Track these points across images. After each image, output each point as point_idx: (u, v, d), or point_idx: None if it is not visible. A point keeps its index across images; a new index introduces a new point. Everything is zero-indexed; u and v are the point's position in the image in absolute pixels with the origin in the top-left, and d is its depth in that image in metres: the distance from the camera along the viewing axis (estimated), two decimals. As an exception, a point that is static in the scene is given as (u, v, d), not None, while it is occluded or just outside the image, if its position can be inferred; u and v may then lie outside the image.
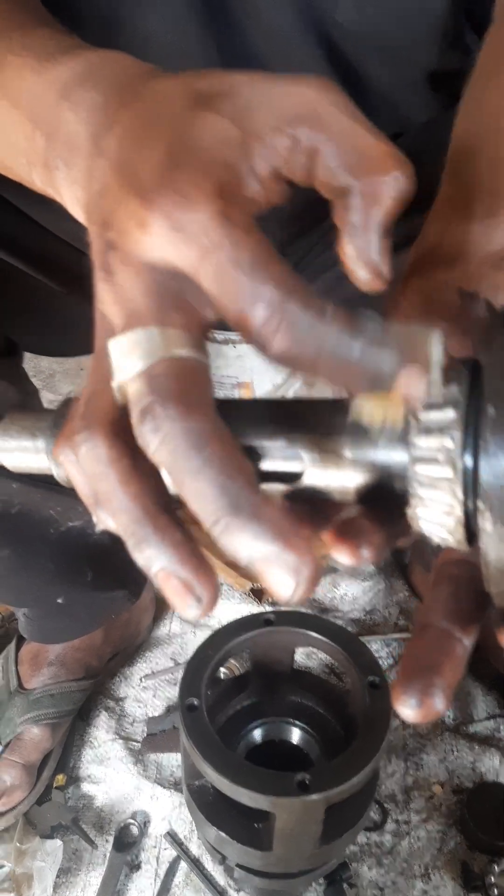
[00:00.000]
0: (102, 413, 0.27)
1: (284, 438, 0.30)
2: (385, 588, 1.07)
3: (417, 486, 0.28)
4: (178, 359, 0.26)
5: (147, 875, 0.79)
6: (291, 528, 0.25)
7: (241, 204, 0.27)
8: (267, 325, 0.25)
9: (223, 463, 0.25)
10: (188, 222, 0.25)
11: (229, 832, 0.60)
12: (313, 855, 0.61)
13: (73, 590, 0.81)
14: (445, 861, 0.79)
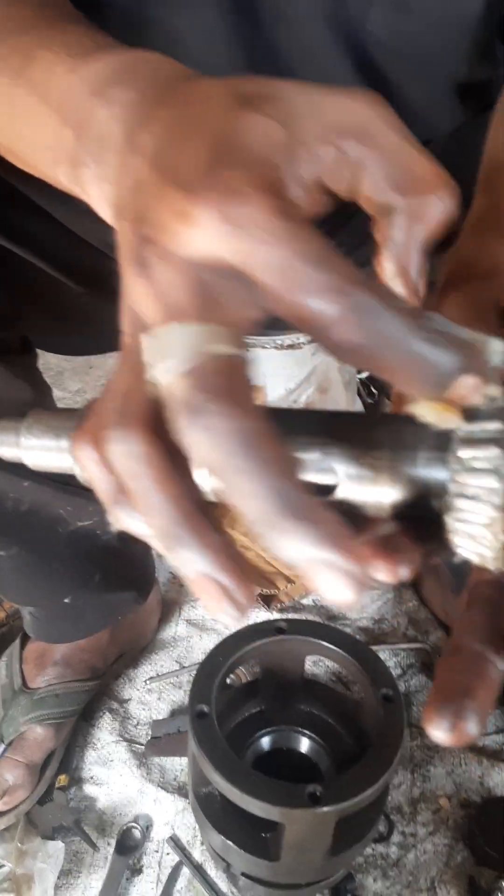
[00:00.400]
0: (139, 410, 0.26)
1: (319, 450, 0.29)
2: (394, 597, 1.07)
3: (457, 498, 0.27)
4: (224, 356, 0.25)
5: (149, 879, 0.78)
6: (346, 533, 0.24)
7: (291, 202, 0.26)
8: (331, 314, 0.24)
9: (276, 463, 0.24)
10: (240, 215, 0.24)
11: (236, 841, 0.60)
12: (321, 867, 0.60)
13: (81, 590, 0.80)
14: (452, 875, 0.78)
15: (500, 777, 0.86)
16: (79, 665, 0.86)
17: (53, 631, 0.86)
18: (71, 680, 0.85)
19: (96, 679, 0.89)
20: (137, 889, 0.78)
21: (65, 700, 0.84)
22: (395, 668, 0.98)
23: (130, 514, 0.28)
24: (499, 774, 0.86)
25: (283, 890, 0.64)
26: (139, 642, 0.97)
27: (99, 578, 0.80)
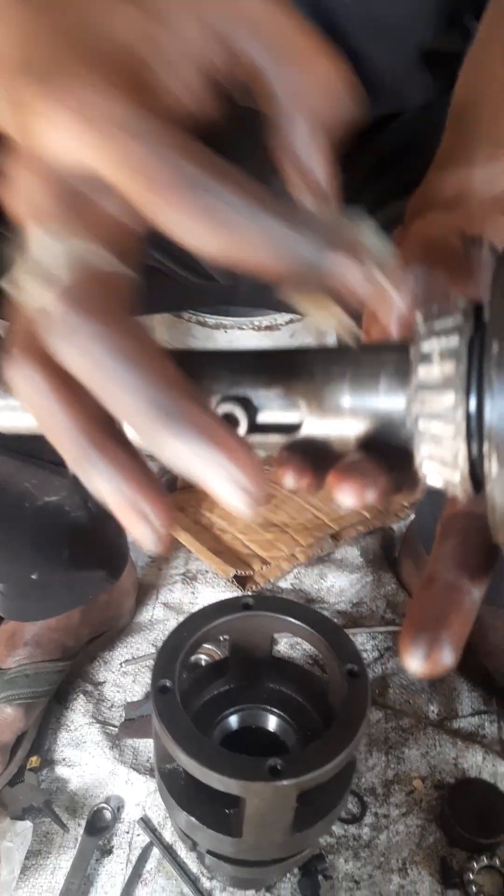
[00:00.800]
0: (24, 337, 0.25)
1: (281, 387, 0.28)
2: (373, 581, 1.06)
3: (419, 420, 0.26)
4: (94, 270, 0.24)
5: (119, 860, 0.78)
6: (233, 438, 0.23)
7: (153, 95, 0.24)
8: (182, 210, 0.22)
9: (150, 371, 0.23)
10: (93, 110, 0.22)
11: (200, 817, 0.59)
12: (285, 843, 0.59)
13: (49, 567, 0.79)
14: (424, 856, 0.78)
15: (474, 759, 0.85)
16: (49, 645, 0.86)
17: (22, 609, 0.85)
18: (42, 660, 0.84)
19: (68, 660, 0.88)
20: (107, 869, 0.77)
21: (35, 680, 0.83)
22: (372, 650, 0.98)
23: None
24: (473, 756, 0.86)
25: (249, 867, 0.64)
26: (113, 623, 0.96)
27: (67, 556, 0.79)
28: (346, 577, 1.06)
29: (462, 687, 0.93)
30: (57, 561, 0.79)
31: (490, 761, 0.85)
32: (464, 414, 0.25)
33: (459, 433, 0.25)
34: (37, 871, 0.77)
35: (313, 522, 1.12)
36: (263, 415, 0.29)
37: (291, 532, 1.10)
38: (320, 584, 1.06)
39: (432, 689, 0.93)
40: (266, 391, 0.28)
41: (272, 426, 0.29)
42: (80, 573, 0.84)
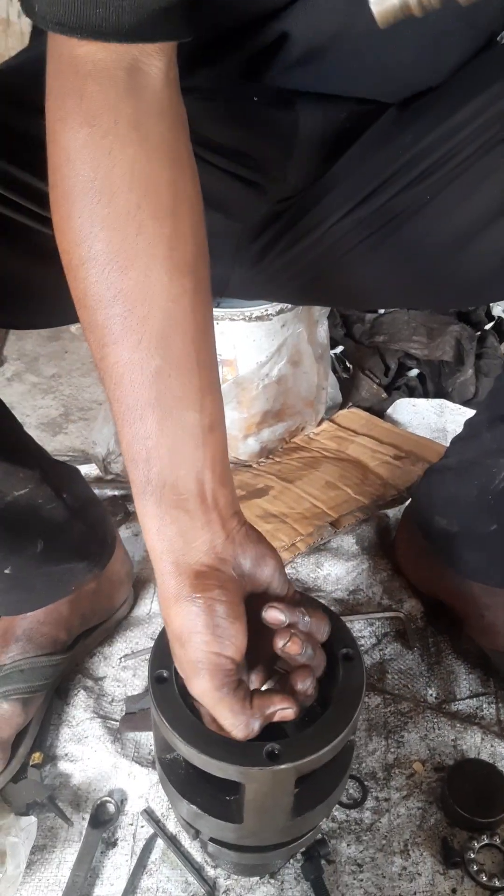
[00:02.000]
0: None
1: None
2: (369, 567, 1.07)
3: None
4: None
5: (123, 852, 0.78)
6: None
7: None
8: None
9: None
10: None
11: (201, 805, 0.60)
12: (286, 828, 0.60)
13: (22, 561, 0.79)
14: (425, 837, 0.78)
15: (472, 740, 0.86)
16: (41, 639, 0.86)
17: (3, 603, 0.85)
18: (35, 655, 0.85)
19: (62, 652, 0.88)
20: (112, 861, 0.78)
21: (30, 675, 0.83)
22: (370, 637, 0.98)
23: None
24: (472, 737, 0.86)
25: (251, 853, 0.64)
26: (107, 614, 0.96)
27: (42, 549, 0.79)
28: (343, 564, 1.07)
29: (459, 670, 0.94)
30: (30, 555, 0.79)
31: (489, 742, 0.86)
32: None
33: None
34: (42, 866, 0.77)
35: (312, 511, 1.12)
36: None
37: (291, 522, 1.11)
38: (317, 573, 1.07)
39: (430, 673, 0.94)
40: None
41: None
42: (57, 566, 0.84)
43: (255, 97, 0.68)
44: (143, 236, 0.49)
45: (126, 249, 0.49)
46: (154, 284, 0.50)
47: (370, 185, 0.72)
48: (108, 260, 0.49)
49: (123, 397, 0.51)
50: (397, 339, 1.46)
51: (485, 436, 0.85)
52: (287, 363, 1.17)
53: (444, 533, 0.92)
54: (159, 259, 0.50)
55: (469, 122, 0.66)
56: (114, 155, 0.48)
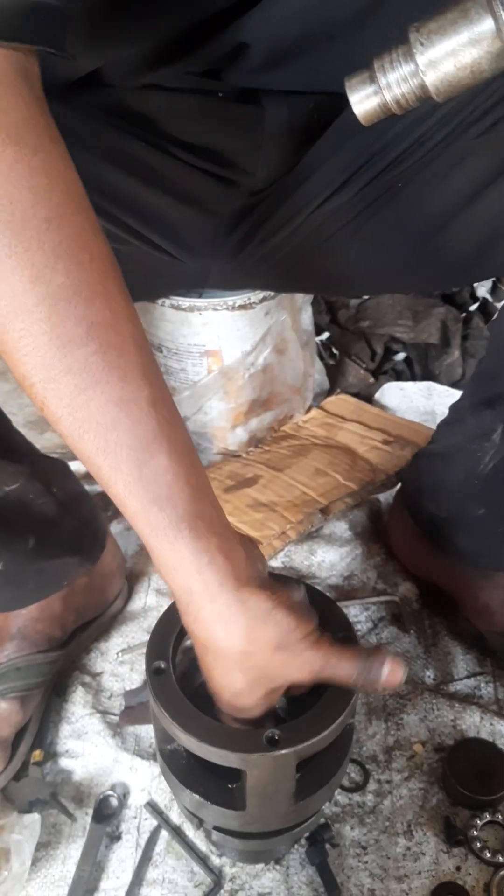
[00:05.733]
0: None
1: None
2: (362, 553, 1.07)
3: None
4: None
5: (128, 845, 0.78)
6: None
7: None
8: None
9: None
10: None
11: (204, 794, 0.60)
12: (288, 813, 0.60)
13: (14, 557, 0.78)
14: (428, 817, 0.79)
15: (472, 720, 0.87)
16: (36, 636, 0.85)
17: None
18: (31, 652, 0.84)
19: (58, 649, 0.88)
20: (117, 855, 0.78)
21: (27, 672, 0.83)
22: (366, 621, 0.98)
23: None
24: (471, 717, 0.87)
25: (255, 840, 0.64)
26: (101, 608, 0.96)
27: (34, 545, 0.78)
28: (336, 550, 1.07)
29: (456, 651, 0.95)
30: (21, 550, 0.78)
31: (488, 721, 0.86)
32: None
33: None
34: (48, 862, 0.77)
35: (301, 499, 1.12)
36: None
37: (281, 510, 1.11)
38: (311, 560, 1.07)
39: (427, 654, 0.94)
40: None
41: None
42: (49, 561, 0.83)
43: (220, 93, 0.68)
44: (95, 261, 0.47)
45: (85, 278, 0.46)
46: (119, 311, 0.47)
47: (343, 174, 0.72)
48: (73, 293, 0.45)
49: (124, 439, 0.47)
50: (383, 324, 1.46)
51: (469, 421, 0.85)
52: (272, 351, 1.16)
53: (434, 518, 0.93)
54: (112, 280, 0.47)
55: (435, 111, 0.67)
56: (50, 175, 0.45)
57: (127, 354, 0.47)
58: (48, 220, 0.44)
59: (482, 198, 0.69)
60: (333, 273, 0.84)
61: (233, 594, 0.51)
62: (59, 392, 0.46)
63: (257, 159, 0.72)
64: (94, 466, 0.48)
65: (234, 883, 0.75)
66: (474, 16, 0.38)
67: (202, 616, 0.52)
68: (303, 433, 1.28)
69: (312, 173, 0.73)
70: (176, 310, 1.08)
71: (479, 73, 0.40)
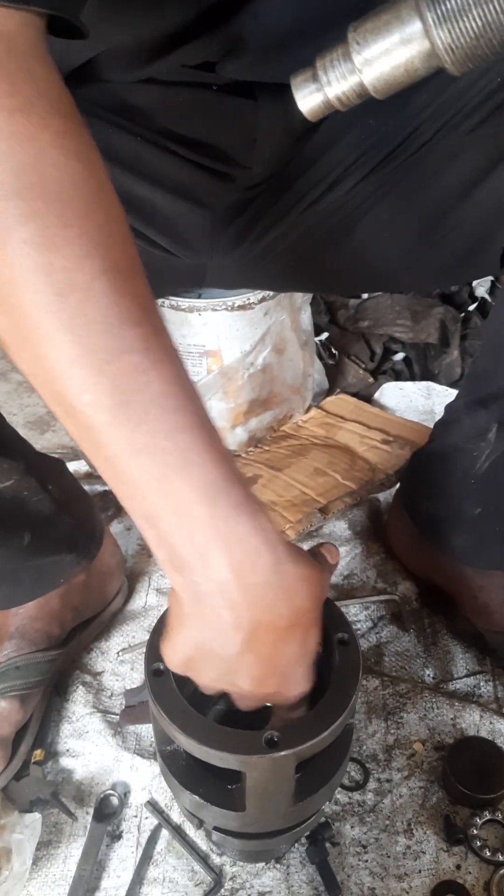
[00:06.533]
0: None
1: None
2: (362, 552, 1.07)
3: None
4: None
5: (129, 844, 0.79)
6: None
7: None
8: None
9: None
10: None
11: (203, 795, 0.60)
12: (288, 813, 0.60)
13: (9, 554, 0.78)
14: (428, 816, 0.79)
15: (471, 718, 0.87)
16: (35, 635, 0.86)
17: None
18: (30, 651, 0.85)
19: (57, 648, 0.88)
20: (118, 854, 0.78)
21: (26, 671, 0.83)
22: (365, 620, 0.99)
23: None
24: (470, 716, 0.87)
25: (256, 840, 0.65)
26: (100, 606, 0.96)
27: (29, 542, 0.79)
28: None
29: (456, 649, 0.95)
30: (16, 547, 0.78)
31: (487, 719, 0.87)
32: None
33: None
34: (49, 861, 0.78)
35: (300, 498, 1.13)
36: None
37: (280, 510, 1.11)
38: (310, 560, 1.07)
39: (427, 653, 0.95)
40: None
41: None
42: (45, 558, 0.83)
43: (214, 86, 0.68)
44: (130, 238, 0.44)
45: (133, 254, 0.43)
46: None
47: (337, 171, 0.72)
48: (129, 270, 0.42)
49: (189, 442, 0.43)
50: (382, 324, 1.46)
51: (464, 420, 0.86)
52: (272, 351, 1.17)
53: (433, 517, 0.93)
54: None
55: (425, 108, 0.67)
56: (93, 148, 0.44)
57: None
58: (100, 190, 0.43)
59: (474, 195, 0.69)
60: (331, 269, 0.84)
61: (277, 559, 0.47)
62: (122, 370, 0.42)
63: (252, 153, 0.72)
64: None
65: (235, 882, 0.75)
66: (405, 17, 0.40)
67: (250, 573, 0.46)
68: (302, 433, 1.29)
69: (308, 169, 0.74)
70: (175, 310, 1.08)
71: (413, 72, 0.42)
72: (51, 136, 0.41)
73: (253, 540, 0.45)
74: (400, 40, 0.40)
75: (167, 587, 1.04)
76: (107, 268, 0.41)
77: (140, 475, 0.43)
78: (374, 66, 0.42)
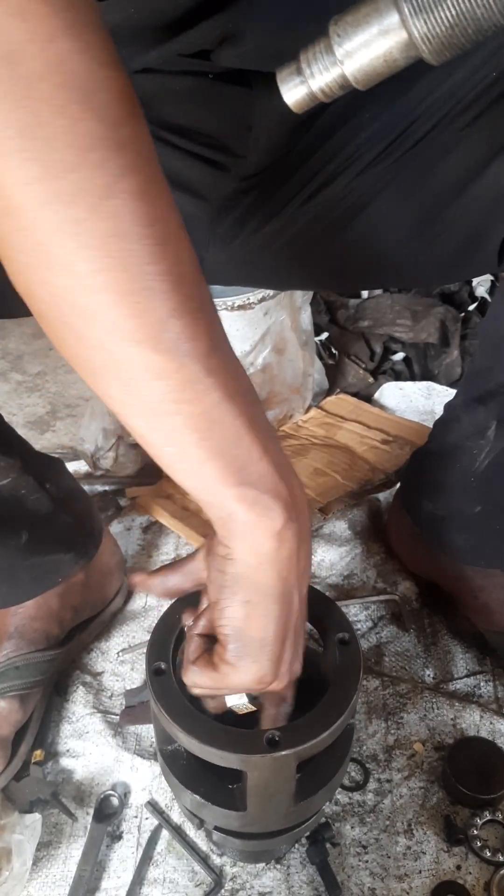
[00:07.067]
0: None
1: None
2: (362, 552, 1.07)
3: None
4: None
5: (129, 845, 0.79)
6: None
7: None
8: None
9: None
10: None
11: (204, 795, 0.60)
12: (289, 813, 0.60)
13: (7, 552, 0.78)
14: (428, 816, 0.79)
15: (471, 718, 0.87)
16: (34, 635, 0.86)
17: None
18: (29, 651, 0.85)
19: (57, 647, 0.88)
20: (118, 854, 0.78)
21: (26, 671, 0.83)
22: (366, 620, 0.99)
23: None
24: (470, 716, 0.87)
25: (256, 840, 0.65)
26: (100, 606, 0.96)
27: (27, 540, 0.78)
28: (336, 550, 1.07)
29: (456, 649, 0.95)
30: (14, 546, 0.78)
31: (487, 719, 0.87)
32: None
33: None
34: (49, 862, 0.78)
35: (300, 499, 1.12)
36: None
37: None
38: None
39: (427, 653, 0.95)
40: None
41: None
42: (43, 557, 0.83)
43: (210, 74, 0.68)
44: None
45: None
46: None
47: (332, 165, 0.72)
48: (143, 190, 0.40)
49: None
50: (382, 324, 1.46)
51: (463, 418, 0.86)
52: (272, 351, 1.16)
53: (432, 517, 0.93)
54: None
55: (421, 102, 0.67)
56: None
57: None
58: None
59: (470, 190, 0.69)
60: (329, 265, 0.84)
61: (282, 506, 0.47)
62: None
63: (247, 142, 0.72)
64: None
65: (235, 882, 0.75)
66: (383, 9, 0.42)
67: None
68: (302, 433, 1.28)
69: (304, 163, 0.74)
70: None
71: (392, 63, 0.43)
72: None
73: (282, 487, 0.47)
74: (378, 32, 0.42)
75: (167, 587, 1.04)
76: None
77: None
78: (354, 57, 0.43)
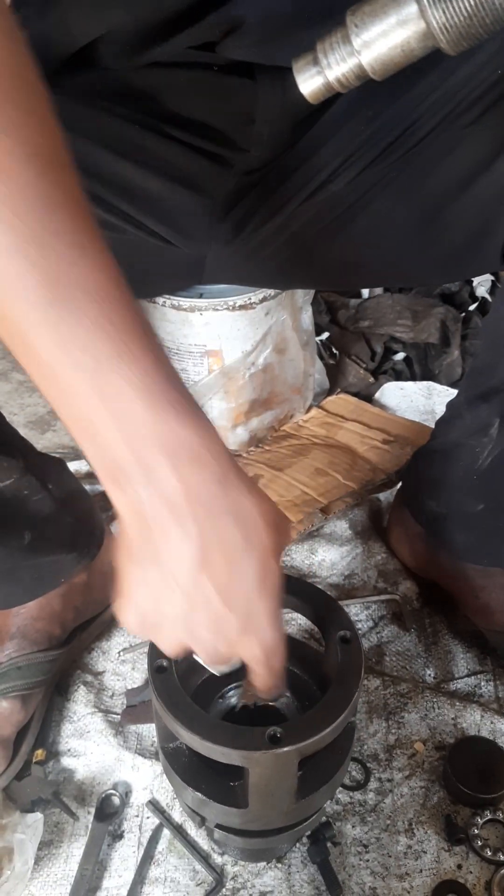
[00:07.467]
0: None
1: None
2: (363, 552, 1.07)
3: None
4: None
5: (130, 844, 0.79)
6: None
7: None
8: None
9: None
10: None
11: (206, 792, 0.60)
12: (290, 811, 0.60)
13: (9, 552, 0.78)
14: (429, 816, 0.79)
15: (472, 718, 0.87)
16: (36, 635, 0.85)
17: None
18: (31, 651, 0.84)
19: (58, 648, 0.88)
20: (119, 854, 0.78)
21: (28, 672, 0.83)
22: (366, 620, 0.99)
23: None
24: (471, 715, 0.87)
25: (257, 838, 0.65)
26: (102, 606, 0.95)
27: (29, 541, 0.78)
28: (337, 549, 1.07)
29: (457, 649, 0.95)
30: (16, 547, 0.78)
31: (488, 719, 0.87)
32: None
33: None
34: (50, 861, 0.78)
35: (302, 498, 1.13)
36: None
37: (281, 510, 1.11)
38: (311, 559, 1.07)
39: (428, 653, 0.95)
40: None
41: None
42: (45, 558, 0.83)
43: (215, 66, 0.68)
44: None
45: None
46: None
47: (337, 161, 0.72)
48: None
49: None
50: (382, 324, 1.46)
51: (465, 416, 0.86)
52: (273, 351, 1.17)
53: (434, 515, 0.93)
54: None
55: (424, 100, 0.67)
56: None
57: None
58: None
59: (472, 188, 0.70)
60: (330, 263, 0.84)
61: (230, 475, 0.46)
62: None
63: (250, 135, 0.72)
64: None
65: (236, 881, 0.75)
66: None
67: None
68: (303, 433, 1.29)
69: (307, 160, 0.74)
70: (176, 310, 1.08)
71: (409, 52, 0.43)
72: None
73: (197, 445, 0.43)
74: (396, 22, 0.42)
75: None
76: (32, 152, 0.38)
77: (72, 370, 0.40)
78: (372, 47, 0.43)
